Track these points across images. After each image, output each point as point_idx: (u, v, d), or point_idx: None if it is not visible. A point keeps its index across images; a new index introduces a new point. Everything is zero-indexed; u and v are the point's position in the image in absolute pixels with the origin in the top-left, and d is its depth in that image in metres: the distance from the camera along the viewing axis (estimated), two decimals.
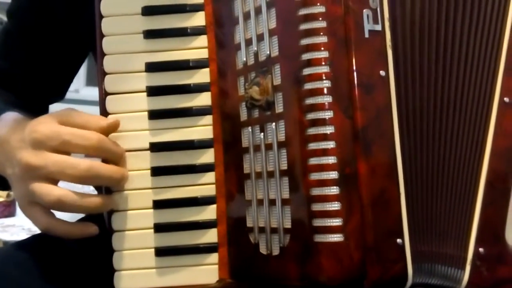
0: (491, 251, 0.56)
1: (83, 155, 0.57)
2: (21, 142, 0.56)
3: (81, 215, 0.78)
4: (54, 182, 0.55)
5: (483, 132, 0.58)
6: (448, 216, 0.57)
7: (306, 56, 0.53)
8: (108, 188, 0.59)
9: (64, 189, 0.55)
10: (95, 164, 0.55)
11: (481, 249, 0.56)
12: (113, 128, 0.58)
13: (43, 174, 0.54)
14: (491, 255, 0.56)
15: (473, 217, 0.56)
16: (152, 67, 0.59)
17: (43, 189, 0.54)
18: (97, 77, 0.60)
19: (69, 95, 0.91)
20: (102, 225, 0.60)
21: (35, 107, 0.73)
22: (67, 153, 0.56)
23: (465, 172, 0.57)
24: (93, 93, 0.61)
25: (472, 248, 0.56)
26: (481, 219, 0.56)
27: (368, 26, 0.53)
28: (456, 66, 0.58)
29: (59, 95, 0.85)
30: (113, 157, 0.57)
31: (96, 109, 0.60)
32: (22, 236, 0.71)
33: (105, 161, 0.57)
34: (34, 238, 0.71)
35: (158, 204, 0.58)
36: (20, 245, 0.67)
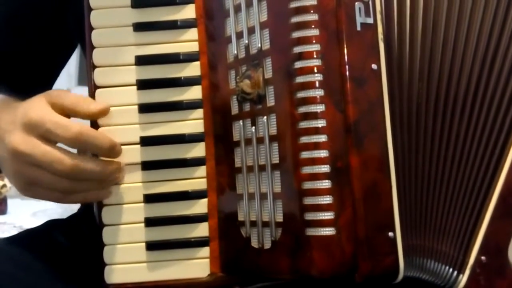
0: (492, 263, 0.56)
1: None
2: (12, 125, 0.56)
3: (73, 210, 0.78)
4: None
5: (503, 143, 0.57)
6: (446, 213, 0.56)
7: (297, 49, 0.52)
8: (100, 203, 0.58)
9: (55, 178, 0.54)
10: (82, 162, 0.54)
11: (483, 258, 0.56)
12: (102, 113, 0.57)
13: (32, 161, 0.54)
14: (491, 266, 0.56)
15: (481, 225, 0.56)
16: (142, 60, 0.59)
17: (47, 178, 0.54)
18: (86, 70, 0.59)
19: None
20: (92, 220, 0.60)
21: (21, 99, 0.72)
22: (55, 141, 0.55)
23: (473, 177, 0.57)
24: (84, 92, 0.60)
25: (475, 255, 0.56)
26: (488, 229, 0.56)
27: (360, 19, 0.53)
28: (470, 65, 0.57)
29: (44, 88, 0.84)
30: (97, 150, 0.56)
31: None
32: (14, 233, 0.71)
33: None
34: (24, 233, 0.70)
35: (149, 198, 0.58)
36: (11, 240, 0.67)
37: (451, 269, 0.56)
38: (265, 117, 0.54)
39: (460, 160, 0.57)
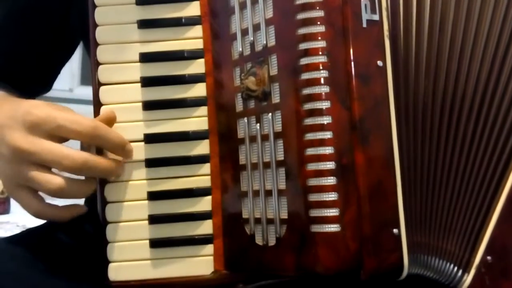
0: (498, 263, 0.56)
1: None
2: (12, 120, 0.55)
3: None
4: (48, 168, 0.55)
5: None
6: (452, 212, 0.56)
7: (303, 46, 0.52)
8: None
9: (64, 177, 0.54)
10: (91, 157, 0.54)
11: (489, 258, 0.56)
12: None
13: (35, 160, 0.54)
14: (497, 266, 0.56)
15: (488, 225, 0.56)
16: (146, 58, 0.59)
17: (43, 177, 0.54)
18: (91, 67, 0.59)
19: (63, 94, 0.89)
20: (95, 218, 0.60)
21: (20, 96, 0.72)
22: (62, 139, 0.55)
23: (480, 177, 0.56)
24: (87, 92, 0.60)
25: (481, 255, 0.56)
26: (494, 230, 0.56)
27: (366, 15, 0.53)
28: (479, 63, 0.57)
29: (45, 87, 0.84)
30: (110, 146, 0.56)
31: (90, 109, 0.59)
32: (17, 232, 0.71)
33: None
34: (27, 232, 0.70)
35: (153, 196, 0.58)
36: (14, 239, 0.67)
37: (456, 268, 0.56)
38: (270, 114, 0.54)
39: (467, 159, 0.56)
